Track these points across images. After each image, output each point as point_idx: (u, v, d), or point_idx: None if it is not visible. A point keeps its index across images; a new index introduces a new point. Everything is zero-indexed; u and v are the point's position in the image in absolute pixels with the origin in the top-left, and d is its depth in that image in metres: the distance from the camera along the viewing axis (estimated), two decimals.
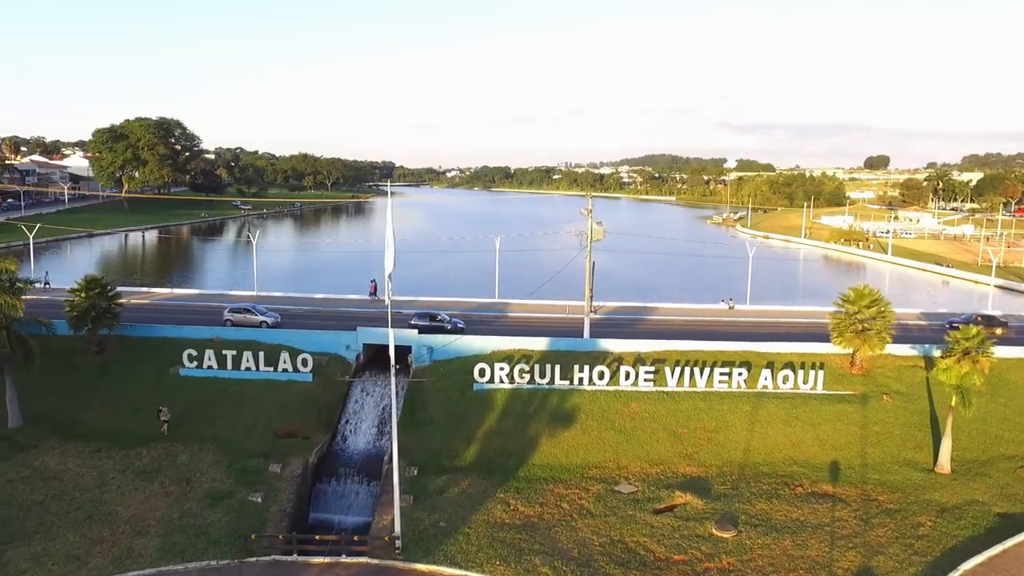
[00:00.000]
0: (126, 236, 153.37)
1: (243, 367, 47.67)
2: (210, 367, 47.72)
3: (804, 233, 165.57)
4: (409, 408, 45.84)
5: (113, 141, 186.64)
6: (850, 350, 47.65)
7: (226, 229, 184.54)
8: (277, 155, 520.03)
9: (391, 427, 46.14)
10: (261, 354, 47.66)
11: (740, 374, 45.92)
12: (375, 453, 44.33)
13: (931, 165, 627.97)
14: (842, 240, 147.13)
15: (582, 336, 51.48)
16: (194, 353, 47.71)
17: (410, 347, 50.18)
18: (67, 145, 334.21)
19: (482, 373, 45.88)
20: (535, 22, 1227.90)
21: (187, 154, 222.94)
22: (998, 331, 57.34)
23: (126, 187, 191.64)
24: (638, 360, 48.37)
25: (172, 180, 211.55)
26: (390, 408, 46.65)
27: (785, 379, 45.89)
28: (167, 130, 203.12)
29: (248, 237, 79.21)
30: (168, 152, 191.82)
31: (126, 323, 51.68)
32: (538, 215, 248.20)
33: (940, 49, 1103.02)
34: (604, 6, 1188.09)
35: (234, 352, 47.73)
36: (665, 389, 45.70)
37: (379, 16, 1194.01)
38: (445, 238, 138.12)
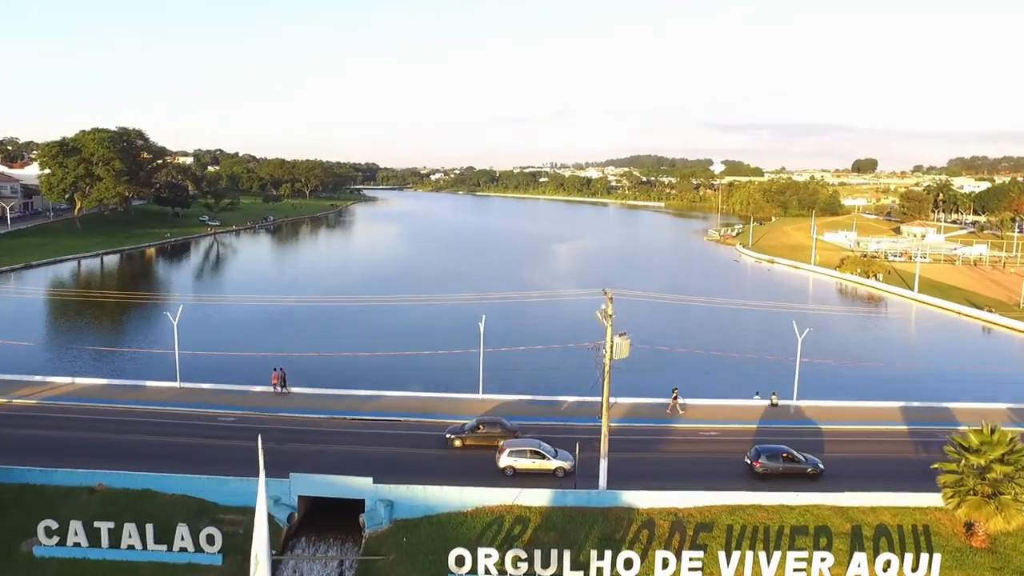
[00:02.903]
0: (79, 263, 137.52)
1: (124, 544, 33.91)
2: (77, 544, 33.94)
3: (813, 259, 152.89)
4: None
5: (64, 156, 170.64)
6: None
7: (192, 251, 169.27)
8: (258, 157, 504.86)
9: None
10: (150, 528, 33.87)
11: (823, 559, 32.62)
12: None
13: (918, 168, 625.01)
14: (859, 270, 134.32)
15: (597, 485, 37.96)
16: (54, 526, 33.89)
17: (362, 501, 36.81)
18: (41, 147, 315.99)
19: (460, 561, 32.31)
20: (525, 22, 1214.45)
21: (150, 167, 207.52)
22: (809, 470, 40.99)
23: (79, 205, 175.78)
24: (676, 525, 35.11)
25: (134, 195, 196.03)
26: None
27: (886, 566, 32.65)
28: (128, 142, 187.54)
29: (217, 251, 64.99)
30: (125, 168, 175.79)
31: None
32: (527, 233, 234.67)
33: (925, 50, 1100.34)
34: (594, 6, 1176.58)
35: (111, 524, 33.93)
36: None
37: (370, 15, 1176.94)
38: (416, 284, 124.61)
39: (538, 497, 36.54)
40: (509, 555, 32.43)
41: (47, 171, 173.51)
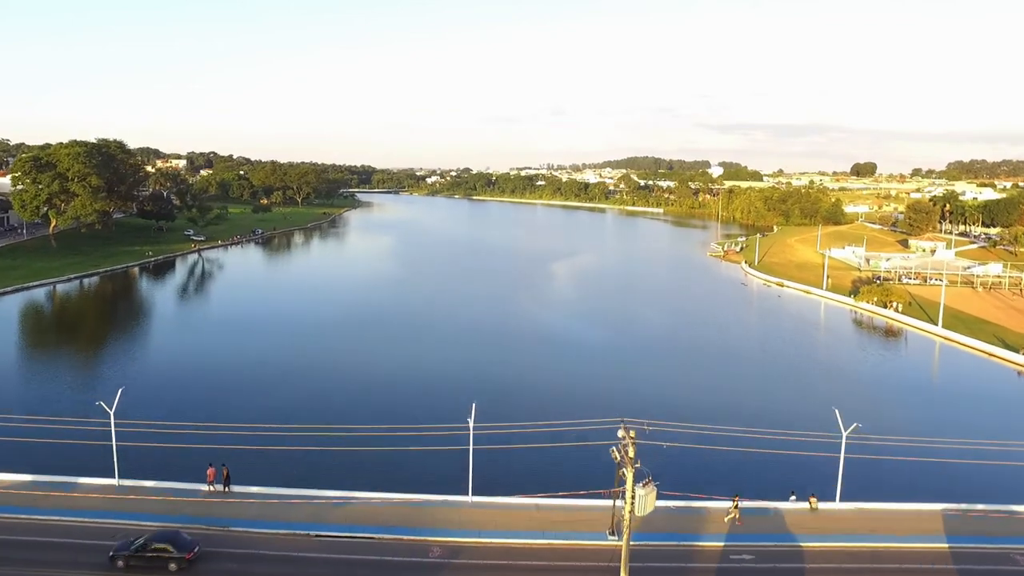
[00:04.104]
0: (54, 287, 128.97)
1: None
2: None
3: (825, 283, 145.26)
4: None
5: (37, 171, 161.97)
6: None
7: (173, 272, 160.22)
8: (253, 159, 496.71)
9: None
10: None
11: None
12: None
13: (917, 172, 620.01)
14: (875, 299, 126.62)
15: None
16: None
17: None
18: (13, 161, 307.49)
19: None
20: (524, 22, 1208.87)
21: (131, 179, 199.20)
22: None
23: (54, 223, 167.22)
24: None
25: (115, 209, 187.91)
26: None
27: None
28: (108, 155, 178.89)
29: (200, 269, 56.86)
30: (102, 184, 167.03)
31: None
32: (523, 247, 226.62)
33: (923, 50, 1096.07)
34: (588, 6, 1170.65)
35: None
36: None
37: (368, 11, 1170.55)
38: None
39: None
40: None
41: (20, 187, 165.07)
